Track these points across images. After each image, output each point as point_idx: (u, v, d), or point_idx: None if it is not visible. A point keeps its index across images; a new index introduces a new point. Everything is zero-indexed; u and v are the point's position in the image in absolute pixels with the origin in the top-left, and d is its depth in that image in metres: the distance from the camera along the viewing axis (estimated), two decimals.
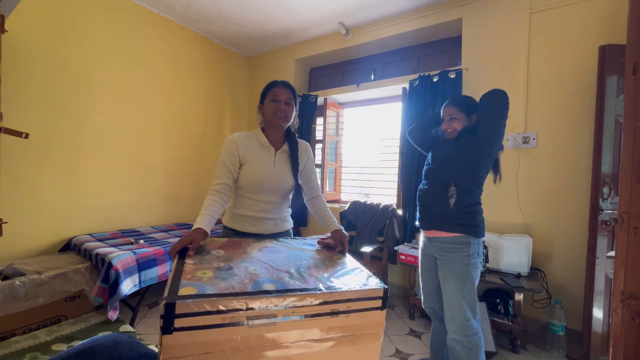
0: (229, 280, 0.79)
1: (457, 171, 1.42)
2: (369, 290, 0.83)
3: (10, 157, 2.07)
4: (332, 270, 0.95)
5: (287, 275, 0.87)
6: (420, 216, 1.54)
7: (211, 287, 0.74)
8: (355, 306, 0.81)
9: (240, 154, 1.27)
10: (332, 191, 3.53)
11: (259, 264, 0.94)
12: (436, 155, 1.55)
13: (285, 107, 1.27)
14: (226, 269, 0.87)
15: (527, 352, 1.98)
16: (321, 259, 1.06)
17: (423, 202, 1.53)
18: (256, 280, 0.81)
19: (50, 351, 1.51)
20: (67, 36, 2.35)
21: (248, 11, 2.88)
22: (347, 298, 0.80)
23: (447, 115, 1.51)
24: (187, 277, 0.79)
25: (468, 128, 1.48)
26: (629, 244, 0.76)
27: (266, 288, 0.77)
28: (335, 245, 1.17)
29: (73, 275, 1.96)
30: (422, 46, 2.99)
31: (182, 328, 0.66)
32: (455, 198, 1.40)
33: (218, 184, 1.23)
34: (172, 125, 3.12)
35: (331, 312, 0.78)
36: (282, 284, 0.81)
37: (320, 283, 0.83)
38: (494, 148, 1.40)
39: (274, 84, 1.30)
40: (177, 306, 0.66)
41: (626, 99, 0.80)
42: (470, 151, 1.40)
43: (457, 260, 1.39)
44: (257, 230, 1.31)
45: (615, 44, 1.82)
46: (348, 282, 0.87)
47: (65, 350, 0.87)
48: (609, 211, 1.76)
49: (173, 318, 0.65)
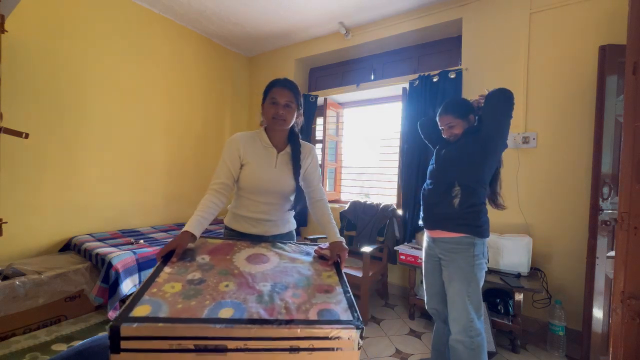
0: (191, 299, 0.78)
1: (461, 171, 1.42)
2: (338, 330, 0.72)
3: (10, 157, 2.07)
4: (311, 294, 0.87)
5: (255, 296, 0.83)
6: (425, 216, 1.54)
7: (167, 306, 0.74)
8: (321, 345, 0.72)
9: (241, 154, 1.25)
10: (332, 191, 3.53)
11: (236, 278, 0.92)
12: (439, 154, 1.55)
13: (283, 112, 1.21)
14: (197, 282, 0.87)
15: (527, 352, 1.98)
16: (308, 276, 0.99)
17: (427, 202, 1.53)
18: (219, 301, 0.79)
19: (50, 351, 1.51)
20: (67, 36, 2.35)
21: (248, 11, 2.88)
22: (311, 335, 0.71)
23: (445, 125, 1.50)
24: (152, 292, 0.79)
25: (469, 129, 1.48)
26: (629, 244, 0.76)
27: (222, 315, 0.73)
28: (331, 258, 1.11)
29: (73, 275, 1.96)
30: (422, 46, 2.99)
31: (129, 349, 0.66)
32: (460, 198, 1.40)
33: (217, 184, 1.22)
34: (172, 125, 3.12)
35: (290, 348, 0.71)
36: (243, 309, 0.76)
37: (287, 312, 0.77)
38: (498, 147, 1.40)
39: (274, 84, 1.24)
40: (122, 329, 0.66)
41: (626, 99, 0.80)
42: (474, 150, 1.40)
43: (462, 261, 1.38)
44: (257, 231, 1.30)
45: (615, 44, 1.82)
46: (322, 313, 0.78)
47: (65, 350, 0.87)
48: (609, 211, 1.76)
49: (119, 340, 0.66)
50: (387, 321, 2.31)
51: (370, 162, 3.45)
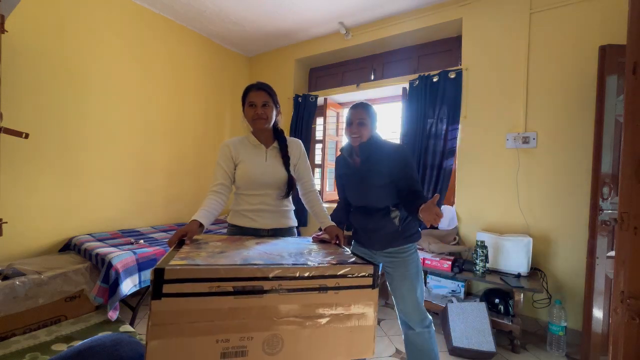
0: (220, 259, 0.82)
1: (387, 193, 1.38)
2: (358, 267, 0.83)
3: (10, 157, 2.07)
4: (326, 254, 0.98)
5: (278, 257, 0.88)
6: (367, 238, 1.48)
7: (201, 261, 0.77)
8: (345, 283, 0.81)
9: (233, 156, 1.37)
10: (332, 191, 3.53)
11: (252, 251, 0.97)
12: (353, 181, 1.47)
13: (262, 111, 1.32)
14: (219, 252, 0.91)
15: (527, 352, 1.98)
16: (317, 248, 1.09)
17: (367, 228, 1.46)
18: (246, 258, 0.84)
19: (50, 351, 1.51)
20: (67, 36, 2.35)
21: (248, 11, 2.88)
22: (336, 273, 0.80)
23: (357, 119, 1.38)
24: (180, 256, 0.82)
25: (368, 143, 1.40)
26: (629, 244, 0.76)
27: (254, 262, 0.79)
28: (331, 239, 1.23)
29: (73, 275, 1.96)
30: (422, 46, 2.99)
31: (170, 294, 0.68)
32: (398, 216, 1.39)
33: (216, 185, 1.32)
34: (172, 125, 3.12)
35: (319, 287, 0.79)
36: (272, 261, 0.82)
37: (310, 261, 0.85)
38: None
39: (249, 89, 1.36)
40: (167, 272, 0.68)
41: (626, 99, 0.80)
42: (388, 172, 1.36)
43: (409, 261, 1.43)
44: (258, 224, 1.36)
45: (615, 44, 1.82)
46: (341, 260, 0.89)
47: (65, 350, 0.87)
48: (609, 211, 1.76)
49: (162, 283, 0.67)
50: (387, 321, 2.32)
51: None
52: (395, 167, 1.35)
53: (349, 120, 1.41)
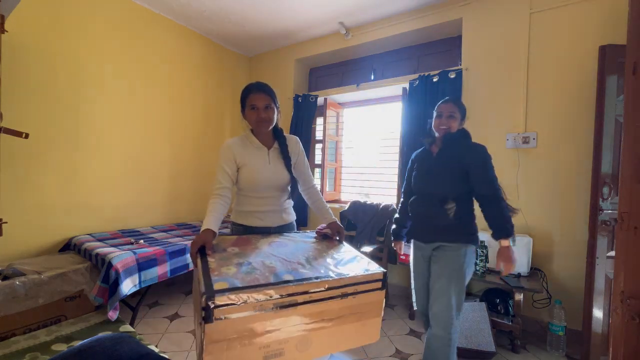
0: (252, 274, 0.90)
1: (451, 184, 1.43)
2: (371, 275, 0.98)
3: (10, 157, 2.07)
4: (337, 260, 1.08)
5: (300, 266, 0.99)
6: (419, 228, 1.56)
7: (239, 280, 0.85)
8: (361, 288, 0.95)
9: (236, 158, 1.35)
10: (332, 191, 3.53)
11: (272, 257, 1.04)
12: (422, 169, 1.56)
13: (265, 115, 1.33)
14: (246, 264, 0.97)
15: (527, 352, 1.98)
16: (323, 249, 1.18)
17: (421, 215, 1.53)
18: (275, 272, 0.92)
19: (50, 351, 1.50)
20: (67, 36, 2.35)
21: (248, 11, 2.88)
22: (355, 282, 0.94)
23: (448, 112, 1.48)
24: (215, 274, 0.88)
25: (455, 135, 1.48)
26: (629, 244, 0.76)
27: (286, 278, 0.89)
28: (333, 235, 1.32)
29: (73, 275, 1.96)
30: (422, 46, 2.99)
31: (220, 318, 0.77)
32: (454, 209, 1.41)
33: (219, 188, 1.31)
34: (172, 125, 3.12)
35: (341, 294, 0.92)
36: (299, 274, 0.92)
37: (330, 271, 0.96)
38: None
39: (249, 91, 1.35)
40: (217, 299, 0.76)
41: (626, 99, 0.80)
42: (459, 167, 1.42)
43: (454, 259, 1.42)
44: (264, 223, 1.40)
45: (615, 44, 1.82)
46: (353, 269, 1.00)
47: (65, 350, 0.87)
48: (609, 211, 1.76)
49: (213, 309, 0.76)
50: (387, 321, 2.31)
51: (370, 162, 3.45)
52: (472, 164, 1.39)
53: (439, 112, 1.49)
